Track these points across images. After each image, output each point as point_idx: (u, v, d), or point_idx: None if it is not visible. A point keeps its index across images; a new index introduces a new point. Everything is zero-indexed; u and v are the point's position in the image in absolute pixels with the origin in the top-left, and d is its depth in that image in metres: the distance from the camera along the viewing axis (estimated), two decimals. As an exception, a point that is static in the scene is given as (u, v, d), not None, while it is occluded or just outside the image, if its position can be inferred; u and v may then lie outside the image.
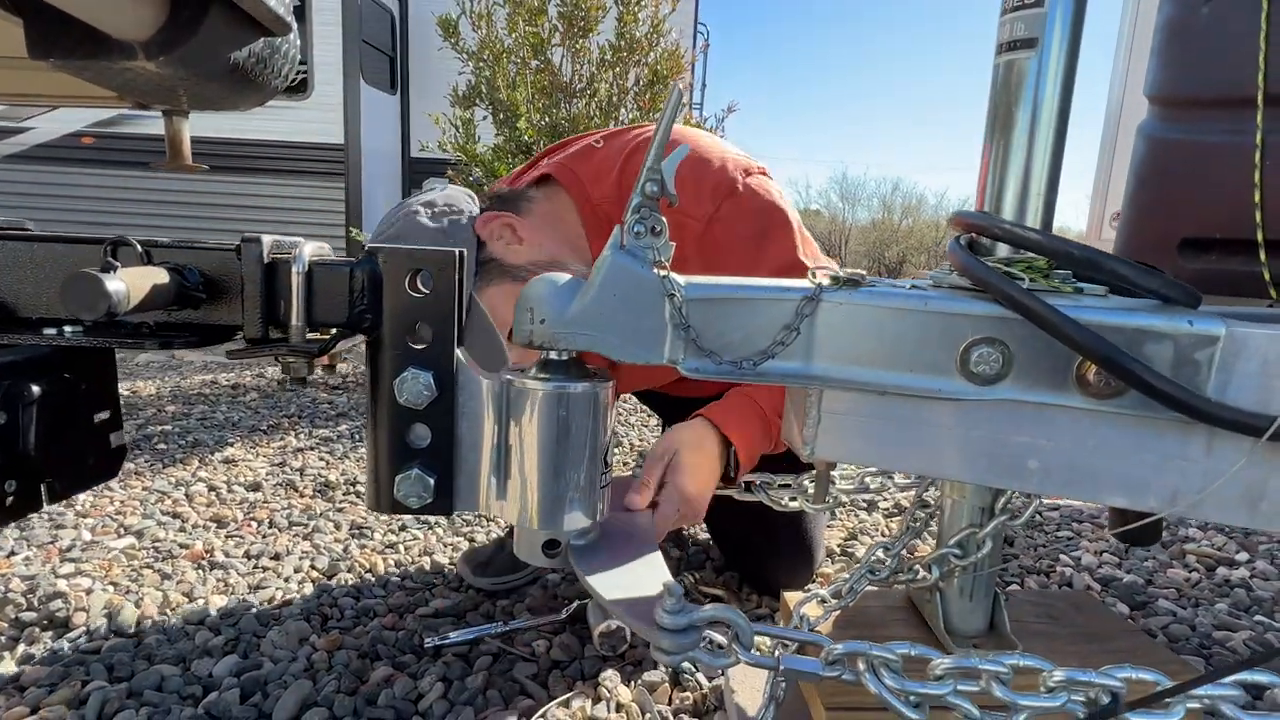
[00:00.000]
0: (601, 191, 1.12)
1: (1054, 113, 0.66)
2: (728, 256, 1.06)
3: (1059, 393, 0.60)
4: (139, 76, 1.74)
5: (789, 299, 0.65)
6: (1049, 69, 0.65)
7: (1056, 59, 0.65)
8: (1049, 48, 0.65)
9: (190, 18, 1.21)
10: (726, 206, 1.06)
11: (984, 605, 0.76)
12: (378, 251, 0.65)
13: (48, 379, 0.59)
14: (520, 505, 0.68)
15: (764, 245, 1.07)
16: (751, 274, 1.03)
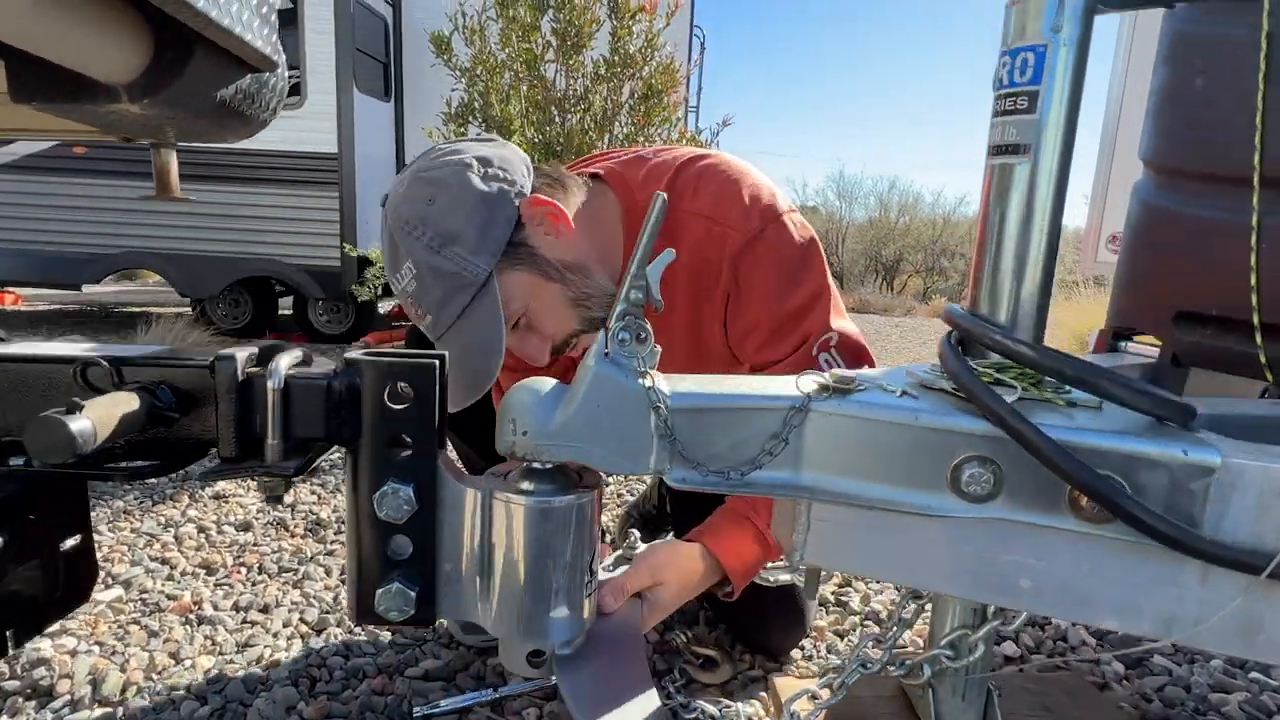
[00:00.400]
0: (649, 196, 1.08)
1: (1046, 218, 0.65)
2: (764, 275, 1.04)
3: (1051, 515, 0.59)
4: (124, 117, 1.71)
5: (777, 408, 0.64)
6: (1041, 175, 0.64)
7: (1049, 165, 0.63)
8: (1041, 153, 0.63)
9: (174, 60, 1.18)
10: (773, 229, 1.05)
11: (977, 704, 0.75)
12: (356, 364, 0.63)
13: (11, 525, 0.58)
14: (502, 617, 0.67)
15: (802, 274, 1.05)
16: (783, 299, 1.05)
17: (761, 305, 1.04)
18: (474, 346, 0.97)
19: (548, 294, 1.02)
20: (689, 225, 1.06)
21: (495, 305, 0.97)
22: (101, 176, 5.51)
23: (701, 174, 1.09)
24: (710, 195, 1.06)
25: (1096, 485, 0.53)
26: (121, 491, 2.04)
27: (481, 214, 0.97)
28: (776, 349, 1.04)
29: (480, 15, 3.49)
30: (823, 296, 1.05)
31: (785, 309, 1.03)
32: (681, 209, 1.06)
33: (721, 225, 1.04)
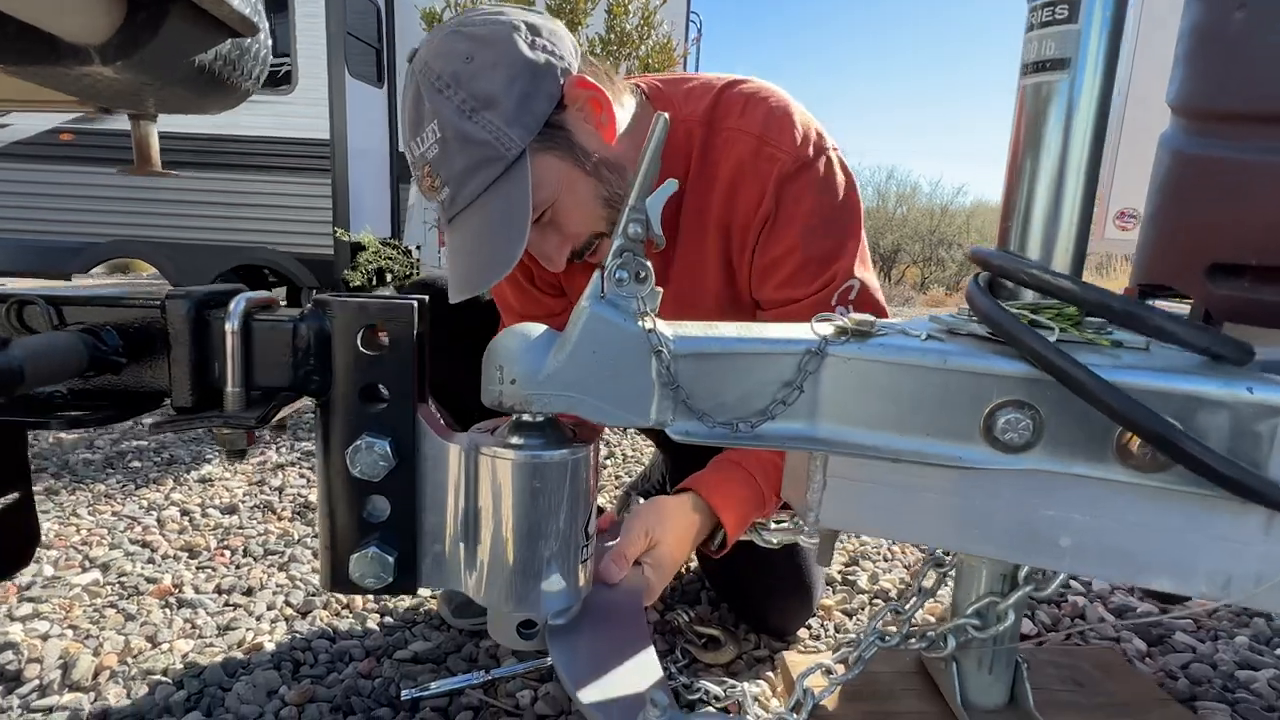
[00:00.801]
0: (690, 110, 1.02)
1: (1087, 142, 0.59)
2: (808, 206, 0.97)
3: (1096, 464, 0.53)
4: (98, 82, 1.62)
5: (791, 353, 0.58)
6: (1083, 92, 0.58)
7: (1091, 81, 0.58)
8: (1083, 68, 0.57)
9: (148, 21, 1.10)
10: (825, 162, 0.98)
11: (1004, 678, 0.70)
12: (326, 305, 0.57)
13: None
14: (491, 584, 0.61)
15: (844, 213, 0.98)
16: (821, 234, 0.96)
17: (798, 237, 0.96)
18: (493, 229, 0.86)
19: (581, 188, 0.92)
20: (735, 142, 0.98)
21: (525, 185, 0.85)
22: (90, 164, 5.41)
23: (751, 95, 1.02)
24: (761, 115, 0.99)
25: (1155, 426, 0.47)
26: (104, 475, 1.98)
27: (524, 83, 0.86)
28: (799, 286, 0.97)
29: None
30: (858, 242, 0.99)
31: (820, 246, 0.96)
32: (728, 125, 0.99)
33: (771, 146, 0.96)
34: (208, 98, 1.94)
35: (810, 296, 0.96)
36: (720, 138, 0.98)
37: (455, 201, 0.88)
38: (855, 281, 0.97)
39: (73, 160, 5.38)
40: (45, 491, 1.84)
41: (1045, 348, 0.52)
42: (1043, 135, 0.60)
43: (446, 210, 0.90)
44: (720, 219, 1.01)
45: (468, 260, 0.88)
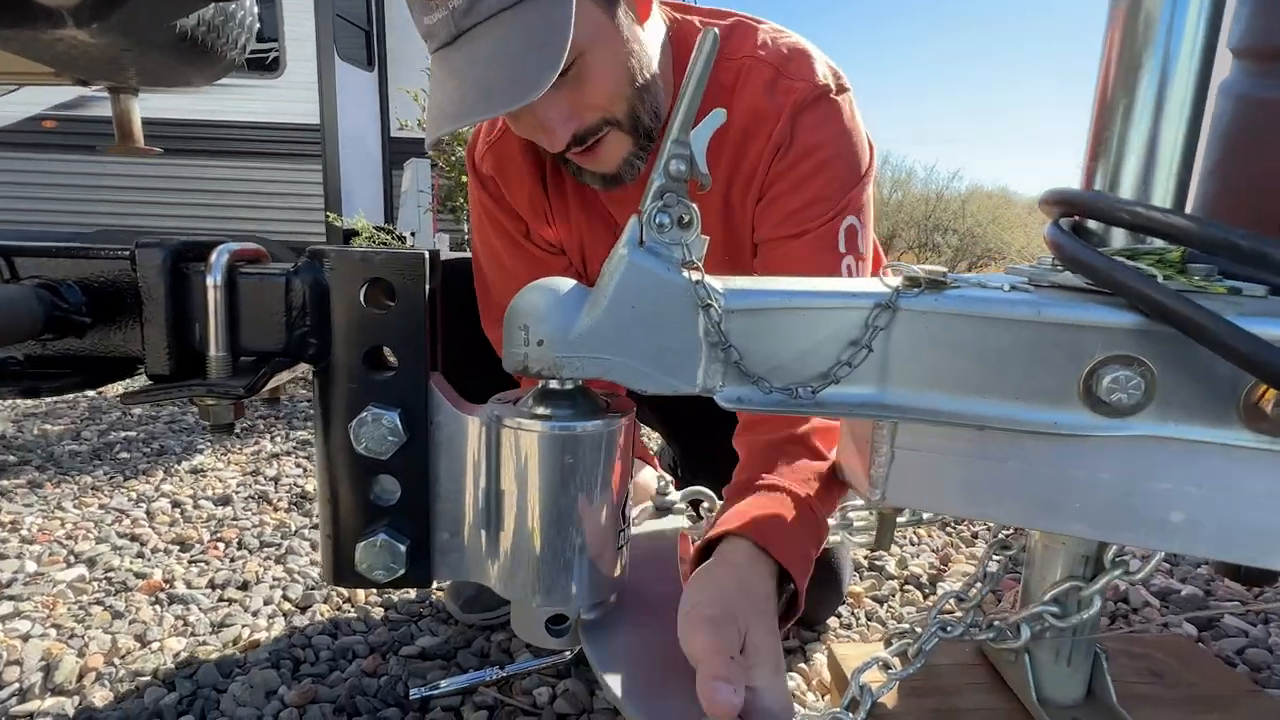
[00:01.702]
0: None
1: (1195, 61, 0.51)
2: (825, 138, 0.88)
3: (1218, 427, 0.46)
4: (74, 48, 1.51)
5: (858, 307, 0.51)
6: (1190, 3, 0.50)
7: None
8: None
9: None
10: (845, 98, 0.90)
11: (1083, 670, 0.63)
12: (323, 255, 0.49)
13: None
14: (516, 575, 0.54)
15: (862, 148, 0.90)
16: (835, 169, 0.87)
17: (812, 170, 0.88)
18: (521, 47, 0.71)
19: (616, 49, 0.80)
20: (754, 70, 0.89)
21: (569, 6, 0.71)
22: (74, 152, 5.29)
23: (770, 29, 0.94)
24: (782, 49, 0.91)
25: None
26: (91, 467, 1.89)
27: None
28: (807, 221, 0.89)
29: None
30: (868, 184, 0.91)
31: (834, 182, 0.88)
32: (744, 52, 0.90)
33: (790, 79, 0.87)
34: (191, 67, 1.84)
35: (815, 230, 0.88)
36: (739, 67, 0.90)
37: (474, 9, 0.71)
38: (857, 221, 0.89)
39: (56, 148, 5.25)
40: (29, 485, 1.75)
41: (1159, 290, 0.45)
42: (1141, 57, 0.52)
43: (459, 20, 0.72)
44: (731, 154, 0.91)
45: (478, 80, 0.71)
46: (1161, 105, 0.52)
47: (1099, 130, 0.55)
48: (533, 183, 1.01)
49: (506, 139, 1.00)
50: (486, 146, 1.02)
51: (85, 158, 5.25)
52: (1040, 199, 0.59)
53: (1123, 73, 0.53)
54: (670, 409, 1.30)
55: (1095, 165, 0.56)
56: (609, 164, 0.87)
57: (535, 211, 1.03)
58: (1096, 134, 0.56)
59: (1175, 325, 0.44)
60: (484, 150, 1.03)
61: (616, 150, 0.85)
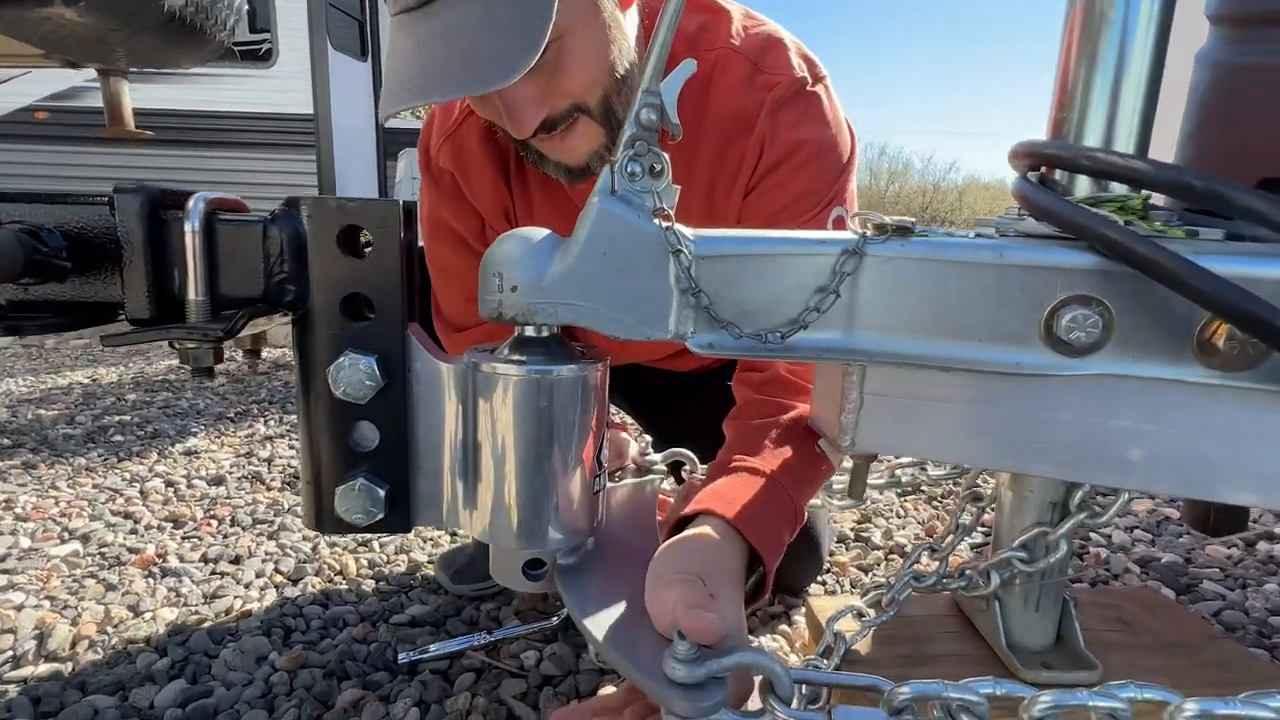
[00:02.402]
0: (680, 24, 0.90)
1: (1155, 11, 0.52)
2: (809, 134, 0.87)
3: (1174, 364, 0.48)
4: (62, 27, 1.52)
5: (825, 253, 0.52)
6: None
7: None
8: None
9: None
10: (824, 90, 0.89)
11: (1052, 615, 0.64)
12: (299, 203, 0.50)
13: None
14: (494, 519, 0.55)
15: (844, 140, 0.89)
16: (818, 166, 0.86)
17: (796, 168, 0.87)
18: (499, 22, 0.66)
19: (596, 33, 0.75)
20: (730, 64, 0.87)
21: None
22: (67, 143, 5.27)
23: (741, 16, 0.92)
24: (758, 39, 0.89)
25: (1255, 308, 0.41)
26: (85, 449, 1.90)
27: None
28: (792, 220, 0.88)
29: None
30: (851, 175, 0.92)
31: (817, 178, 0.88)
32: (719, 44, 0.88)
33: (767, 74, 0.86)
34: (180, 48, 1.84)
35: (802, 224, 0.87)
36: (716, 58, 0.88)
37: None
38: (841, 211, 0.88)
39: (47, 139, 5.23)
40: (23, 466, 1.76)
41: (1119, 231, 0.46)
42: (1103, 9, 0.53)
43: None
44: (713, 155, 0.90)
45: (449, 55, 0.67)
46: (1124, 56, 0.53)
47: (1064, 82, 0.56)
48: (495, 176, 0.96)
49: (465, 129, 0.94)
50: (443, 139, 0.95)
51: (78, 149, 5.23)
52: (1009, 152, 0.60)
53: (1086, 25, 0.54)
54: (640, 393, 1.30)
55: (1060, 116, 0.57)
56: (577, 155, 0.81)
57: (497, 207, 0.98)
58: (1062, 86, 0.56)
59: (1135, 265, 0.45)
60: (440, 143, 0.96)
61: (586, 141, 0.80)
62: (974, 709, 0.44)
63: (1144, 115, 0.54)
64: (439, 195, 0.99)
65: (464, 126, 0.94)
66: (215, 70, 5.21)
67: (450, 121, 0.95)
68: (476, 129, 0.93)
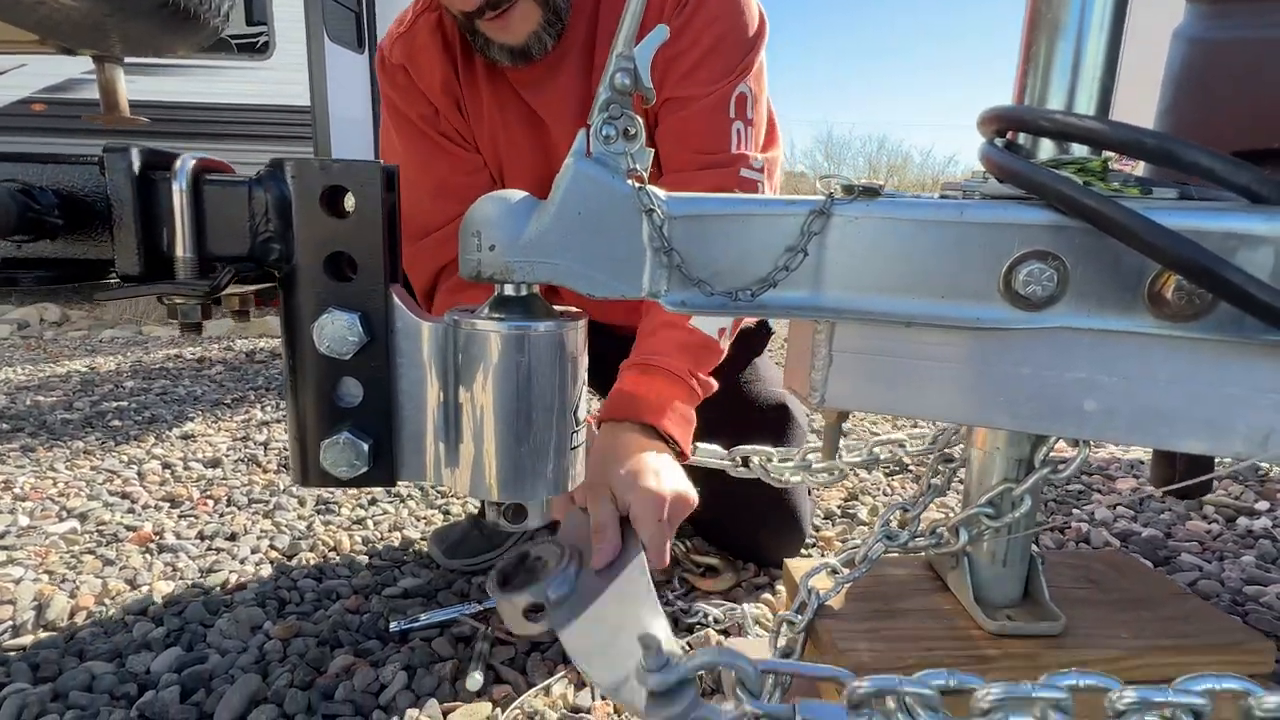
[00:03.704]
0: None
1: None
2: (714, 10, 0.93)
3: (1126, 316, 0.49)
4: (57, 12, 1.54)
5: (793, 214, 0.53)
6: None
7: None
8: (1110, -110, 0.52)
9: None
10: None
11: (1019, 571, 0.66)
12: (284, 164, 0.52)
13: None
14: (475, 473, 0.57)
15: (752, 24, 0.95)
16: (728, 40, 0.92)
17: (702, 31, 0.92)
18: None
19: None
20: None
21: None
22: (63, 135, 5.26)
23: None
24: None
25: (1200, 258, 0.43)
26: (83, 432, 1.92)
27: None
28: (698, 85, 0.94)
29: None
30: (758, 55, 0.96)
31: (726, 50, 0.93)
32: None
33: None
34: (175, 34, 1.85)
35: (709, 95, 0.93)
36: None
37: None
38: (748, 89, 0.94)
39: (45, 131, 5.23)
40: (21, 449, 1.78)
41: (1075, 189, 0.48)
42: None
43: None
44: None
45: None
46: (1083, 24, 0.55)
47: (1028, 48, 0.58)
48: (444, 68, 1.02)
49: (416, 27, 1.02)
50: (395, 37, 1.04)
51: (75, 140, 5.22)
52: (977, 119, 0.62)
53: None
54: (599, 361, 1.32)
55: (1025, 82, 0.58)
56: (517, 34, 0.91)
57: (449, 100, 1.04)
58: (1026, 52, 0.58)
59: (1089, 219, 0.47)
60: (392, 41, 1.05)
61: (525, 21, 0.90)
62: (928, 702, 0.44)
63: (1103, 81, 0.55)
64: (393, 90, 1.06)
65: (416, 25, 1.03)
66: (212, 62, 5.22)
67: (403, 25, 1.04)
68: (427, 27, 1.02)
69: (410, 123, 1.05)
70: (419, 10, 1.03)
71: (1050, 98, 0.57)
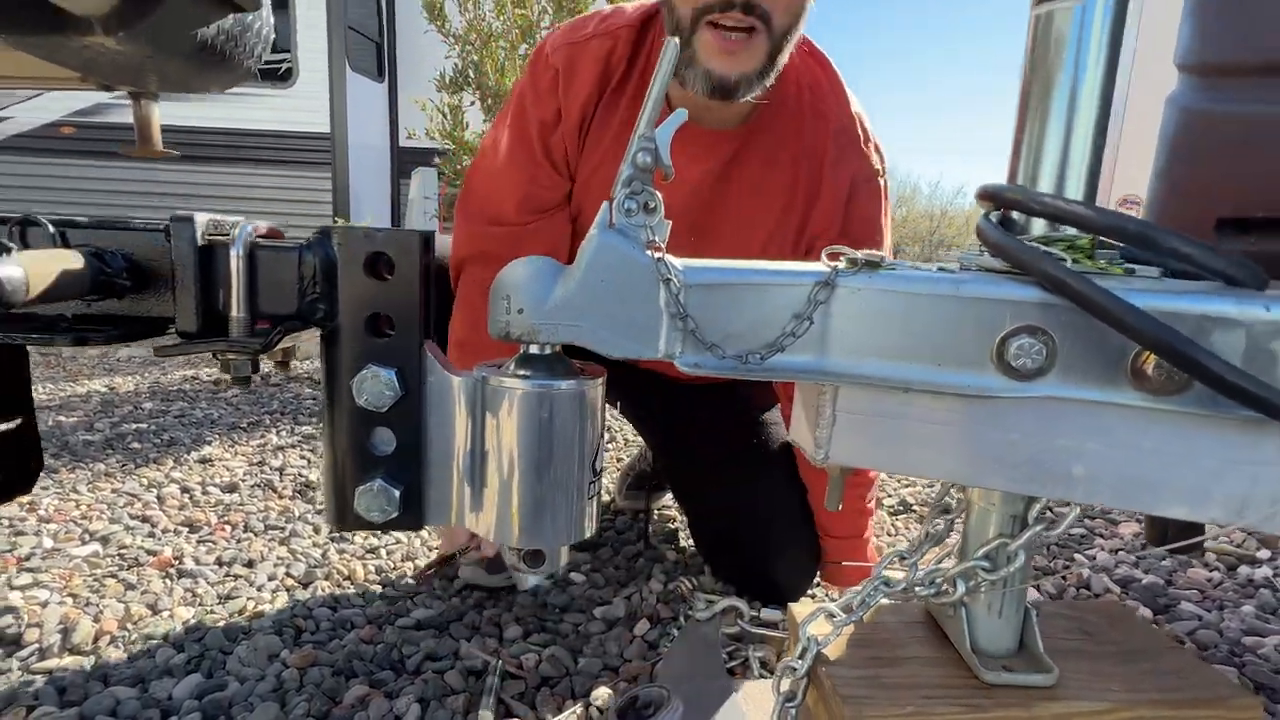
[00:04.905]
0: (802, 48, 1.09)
1: (1100, 72, 0.58)
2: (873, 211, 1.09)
3: (1110, 389, 0.53)
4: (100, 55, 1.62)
5: (801, 284, 0.57)
6: (1094, 21, 0.57)
7: (1103, 9, 0.57)
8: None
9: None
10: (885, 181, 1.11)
11: (1014, 623, 0.69)
12: (330, 232, 0.57)
13: None
14: (499, 520, 0.60)
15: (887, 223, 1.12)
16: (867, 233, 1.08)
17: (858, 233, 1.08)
18: None
19: None
20: (808, 69, 1.08)
21: None
22: (92, 157, 5.41)
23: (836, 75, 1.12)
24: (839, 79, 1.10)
25: (1174, 341, 0.47)
26: (104, 454, 1.97)
27: None
28: None
29: (475, -19, 3.41)
30: None
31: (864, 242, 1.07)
32: (832, 101, 1.08)
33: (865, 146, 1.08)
34: (209, 74, 1.93)
35: None
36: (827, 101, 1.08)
37: None
38: None
39: (75, 153, 5.38)
40: (45, 470, 1.83)
41: (1059, 269, 0.51)
42: (1053, 66, 0.59)
43: None
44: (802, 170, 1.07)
45: None
46: (1073, 112, 0.59)
47: (1019, 131, 0.62)
48: (592, 90, 1.06)
49: (590, 45, 1.06)
50: (566, 43, 1.08)
51: (103, 163, 5.37)
52: (975, 193, 0.66)
53: (1039, 83, 0.60)
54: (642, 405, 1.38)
55: (1018, 164, 0.63)
56: (735, 67, 0.91)
57: (578, 117, 1.08)
58: (1018, 136, 0.62)
59: (1069, 297, 0.51)
60: (560, 44, 1.08)
61: (751, 57, 0.91)
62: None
63: (1091, 165, 0.59)
64: (532, 87, 1.09)
65: (590, 42, 1.06)
66: (237, 89, 5.37)
67: (579, 34, 1.08)
68: (598, 50, 1.06)
69: (526, 123, 1.09)
70: (597, 32, 1.06)
71: (1041, 177, 0.61)
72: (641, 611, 1.16)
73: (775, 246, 1.10)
